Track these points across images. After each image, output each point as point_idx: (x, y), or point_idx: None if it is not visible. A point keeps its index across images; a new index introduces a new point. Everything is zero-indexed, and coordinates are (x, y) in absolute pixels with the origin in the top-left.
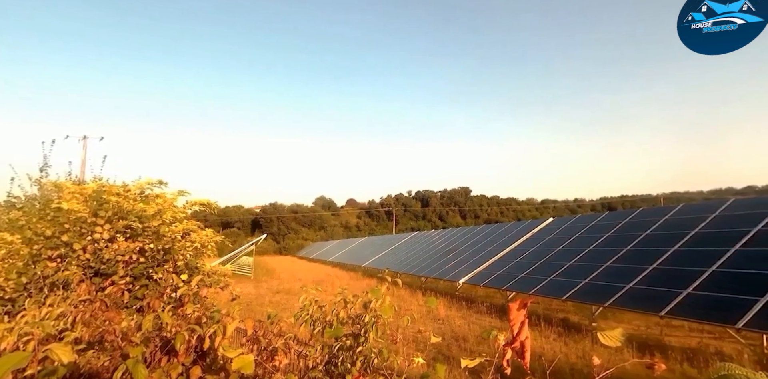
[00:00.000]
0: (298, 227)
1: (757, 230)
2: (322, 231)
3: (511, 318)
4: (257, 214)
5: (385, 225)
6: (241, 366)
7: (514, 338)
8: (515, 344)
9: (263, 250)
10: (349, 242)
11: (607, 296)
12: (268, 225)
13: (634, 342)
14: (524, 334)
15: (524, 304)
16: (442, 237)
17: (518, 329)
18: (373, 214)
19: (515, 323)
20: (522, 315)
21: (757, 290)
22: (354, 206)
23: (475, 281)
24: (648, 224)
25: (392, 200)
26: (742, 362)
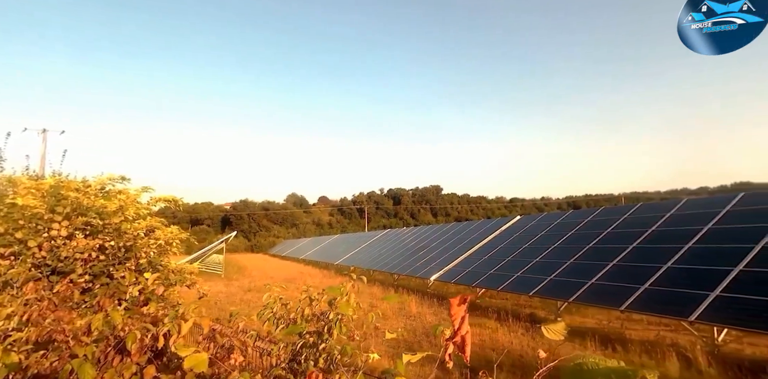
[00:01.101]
0: (270, 224)
1: (708, 228)
2: (294, 229)
3: (452, 313)
4: (227, 211)
5: (357, 223)
6: (193, 365)
7: (455, 333)
8: (456, 339)
9: (234, 248)
10: (322, 239)
11: (571, 291)
12: (239, 222)
13: (596, 336)
14: (465, 329)
15: (464, 300)
16: (414, 235)
17: (459, 324)
18: (345, 211)
19: (456, 318)
20: (462, 310)
21: (707, 284)
22: (326, 204)
23: (445, 278)
24: (609, 223)
25: (364, 198)
26: (695, 352)
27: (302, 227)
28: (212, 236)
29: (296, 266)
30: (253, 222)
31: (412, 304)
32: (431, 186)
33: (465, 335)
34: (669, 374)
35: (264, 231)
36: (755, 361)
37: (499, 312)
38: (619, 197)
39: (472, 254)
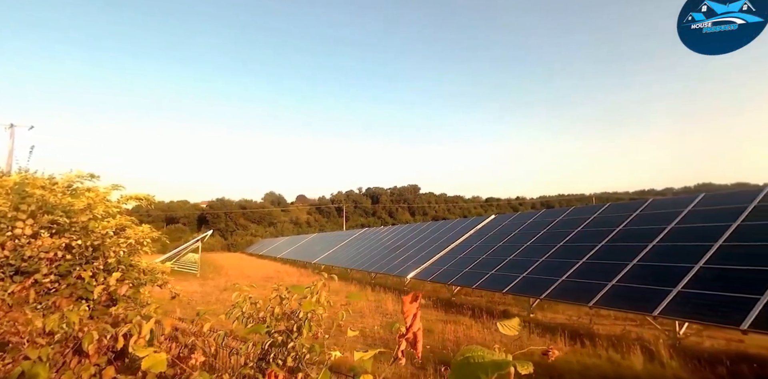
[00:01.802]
0: (247, 223)
1: (671, 227)
2: (271, 227)
3: (405, 311)
4: (204, 209)
5: (335, 221)
6: (151, 365)
7: (408, 330)
8: (408, 335)
9: (210, 246)
10: (300, 238)
11: (542, 288)
12: (216, 221)
13: (566, 331)
14: (416, 325)
15: (416, 297)
16: (391, 233)
17: (411, 321)
18: (323, 210)
19: (408, 316)
20: (414, 308)
21: (670, 281)
22: (304, 203)
23: (422, 276)
24: (579, 222)
25: (343, 197)
26: (658, 346)
27: (280, 225)
28: (188, 234)
29: (273, 265)
30: (230, 221)
31: (388, 302)
32: (409, 185)
33: (417, 331)
34: (634, 367)
35: (241, 230)
36: (713, 353)
37: (473, 309)
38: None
39: (448, 252)
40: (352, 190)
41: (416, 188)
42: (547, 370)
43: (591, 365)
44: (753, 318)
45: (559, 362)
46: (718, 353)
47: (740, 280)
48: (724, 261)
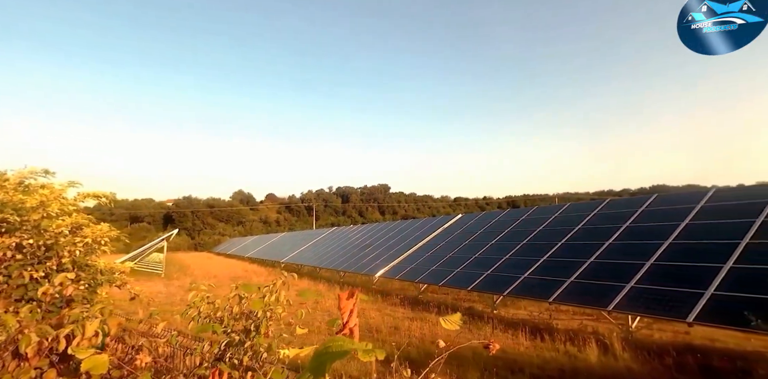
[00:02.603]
0: (215, 221)
1: (626, 226)
2: (240, 226)
3: (341, 307)
4: (170, 208)
5: (305, 220)
6: (91, 367)
7: (344, 326)
8: (345, 331)
9: (176, 246)
10: (269, 237)
11: (505, 285)
12: (182, 220)
13: (527, 327)
14: (353, 321)
15: (352, 293)
16: (361, 232)
17: (347, 317)
18: (293, 209)
19: (345, 312)
20: (351, 304)
21: (624, 277)
22: (274, 201)
23: (390, 274)
24: (542, 221)
25: (313, 196)
26: (612, 339)
27: (249, 224)
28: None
29: (242, 264)
30: (197, 219)
31: None
32: (379, 185)
33: (353, 327)
34: (589, 359)
35: (209, 229)
36: (662, 345)
37: (439, 306)
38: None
39: (416, 250)
40: (322, 189)
41: (386, 188)
42: (508, 364)
43: (550, 358)
44: (698, 311)
45: (520, 356)
46: (666, 344)
47: (687, 276)
48: (672, 258)
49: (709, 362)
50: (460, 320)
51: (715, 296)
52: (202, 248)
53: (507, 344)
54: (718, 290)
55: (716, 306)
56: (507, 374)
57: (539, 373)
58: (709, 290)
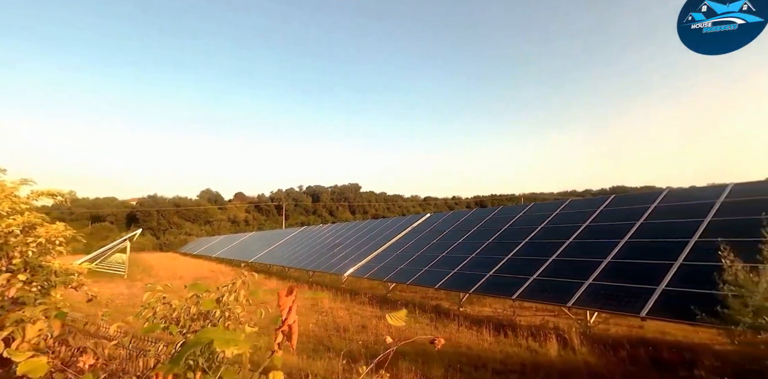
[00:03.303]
0: (181, 221)
1: (586, 225)
2: (207, 226)
3: (281, 304)
4: (134, 207)
5: (275, 220)
6: (29, 370)
7: (284, 322)
8: (284, 328)
9: (141, 246)
10: (237, 236)
11: (471, 283)
12: (147, 219)
13: (491, 323)
14: (292, 318)
15: (291, 290)
16: (330, 231)
17: (286, 314)
18: (262, 208)
19: (284, 309)
20: (290, 301)
21: (583, 274)
22: (242, 200)
23: (359, 273)
24: (507, 220)
25: (283, 195)
26: (571, 334)
27: (217, 224)
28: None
29: (209, 264)
30: (163, 219)
31: (324, 300)
32: (350, 184)
33: (292, 324)
34: (549, 354)
35: (175, 228)
36: (617, 339)
37: (407, 305)
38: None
39: (384, 249)
40: (292, 188)
41: (357, 187)
42: (472, 360)
43: (512, 353)
44: (650, 306)
45: (484, 352)
46: (621, 338)
47: (641, 272)
48: (628, 256)
49: (659, 354)
50: (405, 317)
51: (665, 292)
52: (168, 249)
53: (472, 341)
54: (669, 286)
55: (667, 301)
56: (471, 370)
57: (501, 368)
58: (661, 286)
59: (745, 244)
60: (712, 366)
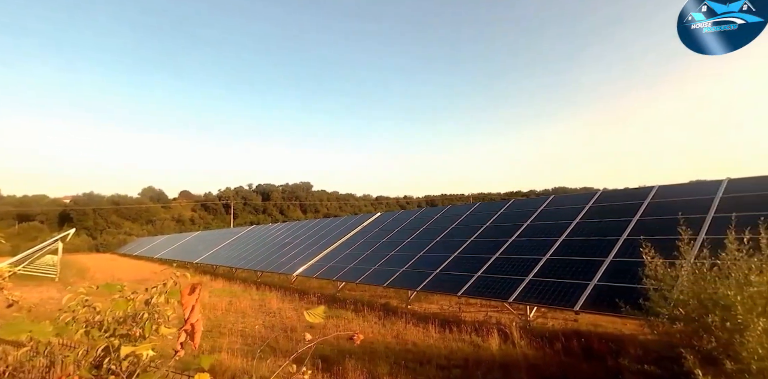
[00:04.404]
0: (121, 220)
1: (527, 224)
2: (149, 225)
3: (183, 303)
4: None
5: (222, 219)
6: None
7: (186, 321)
8: (186, 327)
9: (75, 247)
10: (181, 236)
11: (419, 281)
12: (82, 218)
13: (437, 320)
14: (195, 317)
15: (193, 289)
16: (280, 231)
17: (189, 313)
18: (209, 207)
19: (187, 308)
20: (193, 299)
21: (523, 271)
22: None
23: (308, 273)
24: (455, 219)
25: (231, 193)
26: (512, 328)
27: (160, 223)
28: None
29: (150, 265)
30: (100, 218)
31: (273, 300)
32: (301, 183)
33: (195, 323)
34: (491, 348)
35: (113, 228)
36: (553, 332)
37: (356, 303)
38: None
39: (335, 248)
40: (241, 186)
41: (308, 186)
42: (418, 356)
43: (456, 349)
44: (583, 301)
45: (429, 348)
46: (557, 331)
47: (576, 268)
48: (565, 253)
49: (591, 345)
50: (323, 313)
51: (597, 287)
52: (106, 249)
53: (418, 337)
54: (600, 281)
55: (598, 295)
56: (416, 366)
57: (446, 363)
58: (593, 281)
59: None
60: (636, 355)
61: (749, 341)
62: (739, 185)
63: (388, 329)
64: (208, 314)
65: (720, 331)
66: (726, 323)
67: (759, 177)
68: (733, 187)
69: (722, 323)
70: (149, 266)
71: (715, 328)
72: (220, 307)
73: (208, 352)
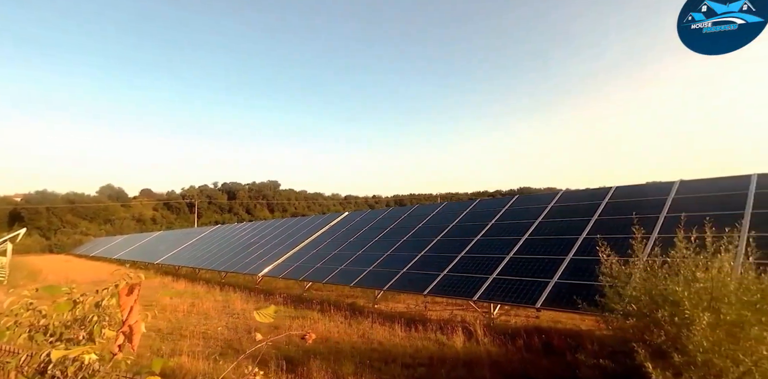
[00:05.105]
0: (77, 219)
1: (492, 223)
2: (108, 225)
3: (121, 304)
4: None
5: (186, 218)
6: None
7: (124, 323)
8: (125, 328)
9: (26, 248)
10: (142, 236)
11: (386, 280)
12: (35, 218)
13: (403, 319)
14: (133, 318)
15: (131, 289)
16: (246, 230)
17: (127, 314)
18: (172, 206)
19: (125, 309)
20: (132, 300)
21: (488, 269)
22: (150, 197)
23: (274, 273)
24: (422, 218)
25: (196, 192)
26: (476, 326)
27: (119, 223)
28: None
29: (108, 267)
30: (54, 217)
31: (237, 301)
32: (269, 181)
33: (133, 324)
34: (455, 346)
35: (69, 228)
36: (516, 329)
37: (322, 303)
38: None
39: (302, 248)
40: (206, 185)
41: (276, 185)
42: (383, 355)
43: (421, 347)
44: (544, 298)
45: (395, 347)
46: (520, 328)
47: (538, 266)
48: (528, 251)
49: (551, 341)
50: (273, 313)
51: (558, 284)
52: (60, 250)
53: (384, 337)
54: (561, 279)
55: (558, 293)
56: (381, 366)
57: (411, 362)
58: (554, 279)
59: (622, 240)
60: (592, 350)
61: (695, 334)
62: (691, 186)
63: (354, 328)
64: (169, 316)
65: (669, 325)
66: (674, 317)
67: (709, 179)
68: (684, 189)
69: (671, 318)
70: (107, 267)
71: (665, 323)
72: (182, 309)
73: (168, 355)
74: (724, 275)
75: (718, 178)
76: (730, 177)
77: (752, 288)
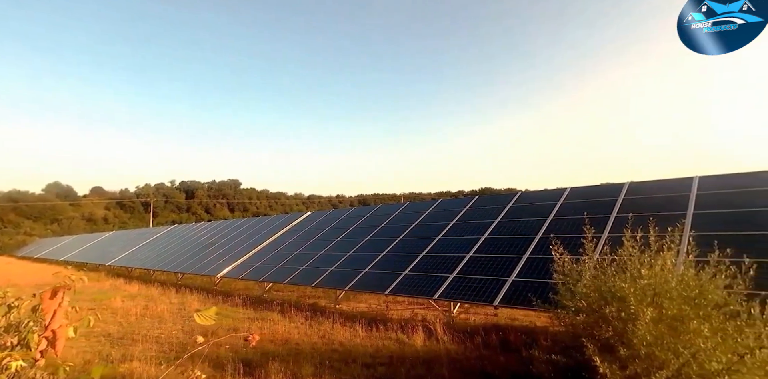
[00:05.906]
0: (20, 219)
1: (453, 223)
2: (55, 225)
3: (44, 308)
4: None
5: (141, 218)
6: None
7: (47, 328)
8: (47, 334)
9: None
10: (93, 237)
11: (347, 281)
12: None
13: (365, 318)
14: (57, 323)
15: (55, 293)
16: (204, 230)
17: (50, 318)
18: (126, 205)
19: (48, 313)
20: (55, 304)
21: (448, 268)
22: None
23: (233, 274)
24: (385, 218)
25: (151, 190)
26: (436, 324)
27: (67, 222)
28: None
29: (55, 269)
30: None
31: (194, 303)
32: (229, 180)
33: (57, 329)
34: (416, 344)
35: (11, 228)
36: (475, 326)
37: (283, 304)
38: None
39: (262, 248)
40: (162, 183)
41: (237, 183)
42: (344, 355)
43: (382, 346)
44: (501, 296)
45: (356, 347)
46: (478, 326)
47: (496, 265)
48: (487, 250)
49: (508, 338)
50: (214, 315)
51: (514, 282)
52: (1, 252)
53: (345, 337)
54: (518, 277)
55: (515, 291)
56: (341, 366)
57: (371, 361)
58: (511, 277)
59: (576, 239)
60: (546, 346)
61: (639, 329)
62: (639, 188)
63: (315, 329)
64: (120, 320)
65: (616, 321)
66: (621, 313)
67: (656, 181)
68: (633, 190)
69: (618, 314)
70: (55, 269)
71: (612, 318)
72: (135, 312)
73: (119, 361)
74: (667, 272)
75: (665, 179)
76: (675, 179)
77: (691, 284)
